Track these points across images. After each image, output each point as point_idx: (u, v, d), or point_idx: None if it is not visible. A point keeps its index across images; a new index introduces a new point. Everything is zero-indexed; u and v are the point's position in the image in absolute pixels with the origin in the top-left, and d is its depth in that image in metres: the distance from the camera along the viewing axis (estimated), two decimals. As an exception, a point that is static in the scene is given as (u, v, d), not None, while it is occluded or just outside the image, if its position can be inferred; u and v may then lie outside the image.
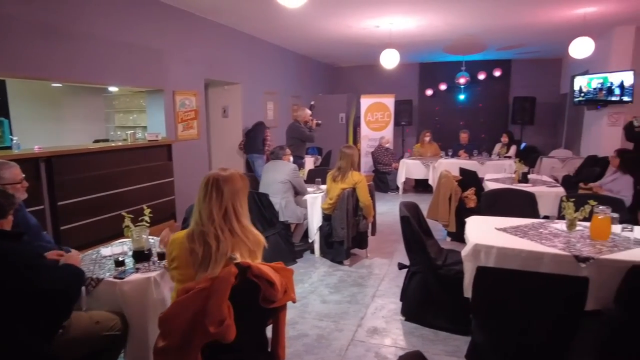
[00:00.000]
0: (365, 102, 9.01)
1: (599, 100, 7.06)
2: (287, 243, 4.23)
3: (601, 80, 7.02)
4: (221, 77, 6.77)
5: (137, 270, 2.23)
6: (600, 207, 2.64)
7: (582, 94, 7.40)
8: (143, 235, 2.35)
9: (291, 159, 4.60)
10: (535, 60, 10.33)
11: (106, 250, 2.51)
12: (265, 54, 7.98)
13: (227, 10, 5.84)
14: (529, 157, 7.63)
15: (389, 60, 6.63)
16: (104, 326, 2.02)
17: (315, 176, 4.87)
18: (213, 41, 6.39)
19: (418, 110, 11.26)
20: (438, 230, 5.22)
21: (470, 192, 4.72)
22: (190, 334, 1.55)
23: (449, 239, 4.94)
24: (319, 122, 6.53)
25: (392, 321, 3.12)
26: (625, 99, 6.61)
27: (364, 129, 9.02)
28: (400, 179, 7.83)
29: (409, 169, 7.76)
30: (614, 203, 3.25)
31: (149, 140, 4.96)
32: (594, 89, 7.13)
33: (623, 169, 4.39)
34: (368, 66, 10.59)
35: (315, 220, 4.34)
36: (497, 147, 8.13)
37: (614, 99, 6.81)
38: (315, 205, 4.33)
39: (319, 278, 3.96)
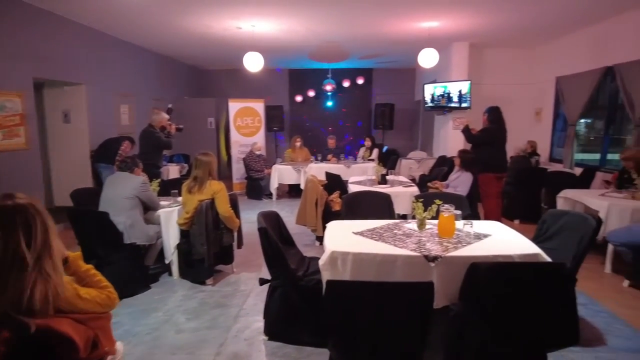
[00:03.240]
0: (234, 106, 8.66)
1: (443, 106, 7.88)
2: (137, 268, 3.68)
3: (443, 89, 7.86)
4: (57, 76, 5.78)
5: None
6: (445, 205, 2.78)
7: (431, 101, 8.19)
8: None
9: (142, 174, 4.04)
10: (393, 70, 11.21)
11: None
12: (116, 53, 7.11)
13: (58, -2, 4.99)
14: (390, 159, 8.16)
15: (253, 63, 6.43)
16: None
17: (171, 187, 4.37)
18: (44, 34, 5.40)
19: (289, 115, 11.33)
20: (308, 235, 5.18)
21: (335, 196, 4.76)
22: None
23: (318, 243, 4.90)
24: (180, 126, 5.98)
25: (255, 343, 2.87)
26: (464, 105, 7.50)
27: (234, 135, 8.67)
28: (274, 185, 7.70)
29: (281, 174, 7.67)
30: (457, 200, 3.51)
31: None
32: (439, 96, 7.95)
33: (463, 167, 4.88)
34: (236, 70, 10.26)
35: (171, 238, 3.86)
36: (362, 151, 8.53)
37: (453, 105, 7.67)
38: (170, 220, 3.85)
39: (177, 304, 3.51)
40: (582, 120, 7.02)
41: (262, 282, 2.92)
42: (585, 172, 6.04)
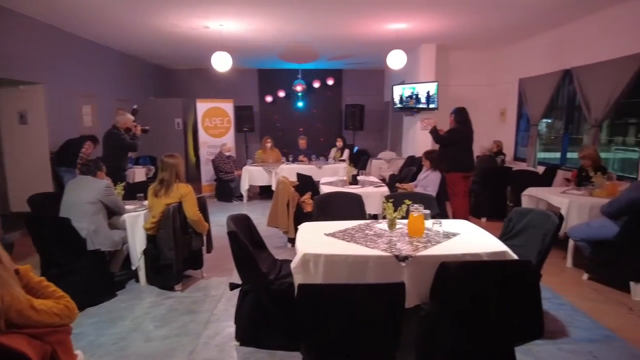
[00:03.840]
0: (202, 106, 8.49)
1: (412, 107, 8.01)
2: (102, 275, 3.53)
3: (412, 90, 7.98)
4: (11, 74, 5.48)
5: None
6: (415, 205, 2.81)
7: (400, 102, 8.30)
8: None
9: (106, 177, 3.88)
10: (362, 71, 11.31)
11: None
12: (77, 51, 6.82)
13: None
14: (360, 160, 8.23)
15: (221, 63, 6.32)
16: None
17: (137, 190, 4.23)
18: (-5, 30, 5.12)
19: (259, 116, 11.23)
20: (280, 237, 5.13)
21: (306, 197, 4.73)
22: None
23: (290, 245, 4.87)
24: (146, 127, 5.79)
25: (226, 349, 2.81)
26: (432, 106, 7.64)
27: (203, 136, 8.50)
28: (244, 187, 7.59)
29: (252, 175, 7.57)
30: (426, 200, 3.57)
31: None
32: (407, 97, 8.07)
33: (432, 167, 4.97)
34: (204, 69, 10.09)
35: (137, 244, 3.73)
36: (333, 152, 8.55)
37: (421, 106, 7.81)
38: (136, 225, 3.72)
39: (144, 311, 3.40)
40: (543, 121, 7.30)
41: (233, 286, 2.87)
42: (548, 170, 6.28)
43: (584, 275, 3.99)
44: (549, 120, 7.41)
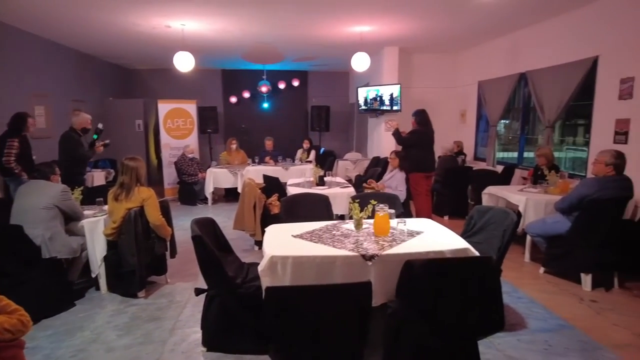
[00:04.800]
0: (164, 107, 8.27)
1: (376, 109, 8.14)
2: (58, 284, 3.37)
3: (376, 92, 8.11)
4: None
5: None
6: (380, 205, 2.86)
7: (365, 104, 8.42)
8: None
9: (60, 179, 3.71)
10: (327, 73, 11.37)
11: None
12: (28, 49, 6.47)
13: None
14: (327, 161, 8.27)
15: (183, 63, 6.18)
16: None
17: (96, 195, 4.06)
18: None
19: (224, 117, 11.07)
20: (247, 240, 5.08)
21: (273, 199, 4.70)
22: None
23: (257, 248, 4.83)
24: (107, 142, 5.60)
25: (193, 355, 2.75)
26: (395, 108, 7.79)
27: (165, 137, 8.28)
28: (209, 189, 7.45)
29: (216, 178, 7.44)
30: (391, 199, 3.64)
31: None
32: (372, 99, 8.20)
33: (398, 167, 5.08)
34: (165, 69, 9.83)
35: (97, 250, 3.58)
36: (299, 153, 8.55)
37: (385, 108, 7.95)
38: (96, 231, 3.57)
39: (106, 320, 3.27)
40: (502, 122, 7.61)
41: (198, 292, 2.81)
42: (506, 169, 6.54)
43: (540, 269, 4.19)
44: (507, 121, 7.73)
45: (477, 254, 2.55)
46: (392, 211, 2.96)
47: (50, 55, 7.07)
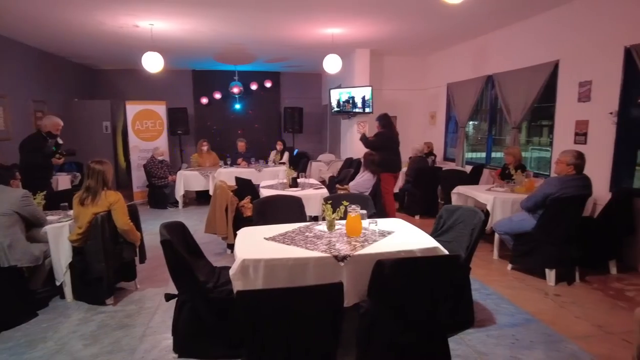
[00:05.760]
0: (132, 109, 8.06)
1: (348, 111, 8.20)
2: (18, 294, 3.22)
3: (348, 94, 8.17)
4: None
5: None
6: (352, 205, 2.88)
7: (337, 106, 8.46)
8: None
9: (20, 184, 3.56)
10: (300, 74, 11.37)
11: None
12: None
13: None
14: (300, 162, 8.26)
15: (152, 64, 6.05)
16: None
17: (61, 199, 3.91)
18: None
19: (194, 118, 10.89)
20: (219, 243, 5.01)
21: (246, 201, 4.67)
22: None
23: (229, 251, 4.77)
24: (73, 150, 5.45)
25: (164, 362, 2.70)
26: (367, 110, 7.87)
27: (133, 139, 8.06)
28: (179, 192, 7.30)
29: (187, 180, 7.30)
30: (362, 200, 3.67)
31: None
32: (344, 101, 8.25)
33: (365, 168, 5.16)
34: (134, 70, 9.59)
35: (62, 257, 3.44)
36: (272, 154, 8.51)
37: (358, 110, 8.03)
38: (60, 237, 3.44)
39: (71, 329, 3.14)
40: (471, 123, 7.82)
41: (169, 297, 2.75)
42: (475, 169, 6.72)
43: (508, 265, 4.32)
44: (476, 123, 7.94)
45: (446, 252, 2.61)
46: (364, 212, 2.99)
47: (7, 53, 6.76)
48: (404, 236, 2.87)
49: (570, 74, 5.06)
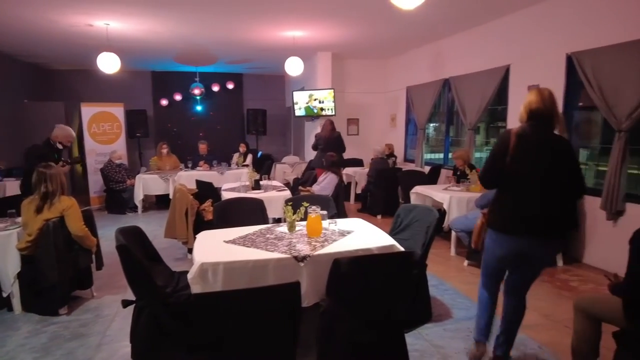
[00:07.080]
0: (88, 111, 7.77)
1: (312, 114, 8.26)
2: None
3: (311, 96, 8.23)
4: None
5: None
6: (312, 206, 2.92)
7: (300, 108, 8.50)
8: None
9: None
10: (263, 76, 11.33)
11: None
12: None
13: None
14: (264, 164, 8.23)
15: (108, 64, 5.87)
16: None
17: (8, 206, 3.72)
18: None
19: (154, 121, 10.62)
20: (180, 248, 4.92)
21: (207, 205, 4.61)
22: None
23: (189, 256, 4.68)
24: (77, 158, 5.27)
25: (121, 371, 2.63)
26: (330, 113, 7.96)
27: (89, 143, 7.77)
28: (138, 197, 7.09)
29: (147, 184, 7.10)
30: (323, 201, 3.72)
31: None
32: (312, 106, 8.30)
33: (327, 169, 5.23)
34: (89, 70, 9.23)
35: (9, 267, 3.27)
36: (235, 157, 8.42)
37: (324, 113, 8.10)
38: (8, 246, 3.27)
39: (20, 342, 3.00)
40: (431, 125, 8.06)
41: (126, 303, 2.68)
42: (433, 170, 6.94)
43: (464, 262, 4.50)
44: (436, 124, 8.20)
45: (402, 249, 2.69)
46: (325, 212, 3.03)
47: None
48: (362, 235, 2.93)
49: (520, 77, 5.34)
